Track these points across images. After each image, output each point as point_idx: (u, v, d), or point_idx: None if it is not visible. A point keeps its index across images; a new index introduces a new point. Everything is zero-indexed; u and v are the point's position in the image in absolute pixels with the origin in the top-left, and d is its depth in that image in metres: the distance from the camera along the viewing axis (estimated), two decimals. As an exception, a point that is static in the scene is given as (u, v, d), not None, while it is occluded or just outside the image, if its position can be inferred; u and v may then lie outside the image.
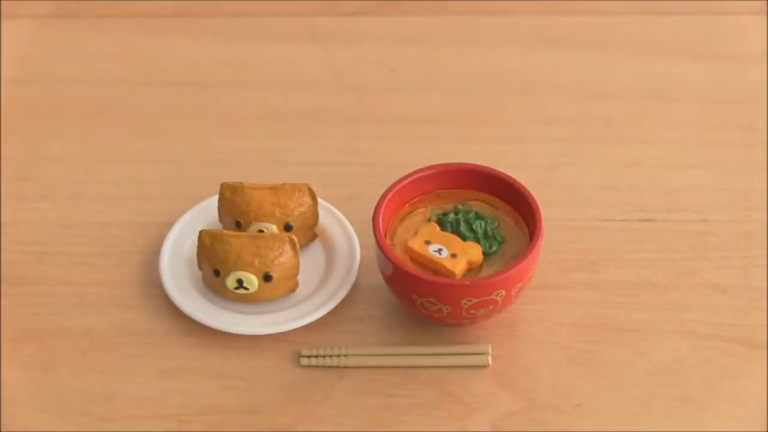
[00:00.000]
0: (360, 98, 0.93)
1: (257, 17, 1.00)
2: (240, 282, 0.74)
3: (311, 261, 0.79)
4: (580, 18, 1.00)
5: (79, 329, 0.76)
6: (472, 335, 0.76)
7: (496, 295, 0.71)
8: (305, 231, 0.79)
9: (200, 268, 0.77)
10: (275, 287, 0.75)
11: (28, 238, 0.82)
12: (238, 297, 0.76)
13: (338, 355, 0.74)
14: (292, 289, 0.77)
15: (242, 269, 0.74)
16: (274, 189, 0.78)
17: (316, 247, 0.80)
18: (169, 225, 0.81)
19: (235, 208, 0.78)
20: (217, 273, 0.75)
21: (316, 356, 0.74)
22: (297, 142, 0.89)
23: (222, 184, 0.79)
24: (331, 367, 0.74)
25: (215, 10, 1.00)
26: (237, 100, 0.93)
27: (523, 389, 0.73)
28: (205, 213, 0.81)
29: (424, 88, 0.94)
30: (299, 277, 0.77)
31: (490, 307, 0.72)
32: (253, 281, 0.74)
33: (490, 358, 0.74)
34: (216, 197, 0.80)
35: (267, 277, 0.74)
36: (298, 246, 0.76)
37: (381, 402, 0.73)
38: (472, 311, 0.72)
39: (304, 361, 0.74)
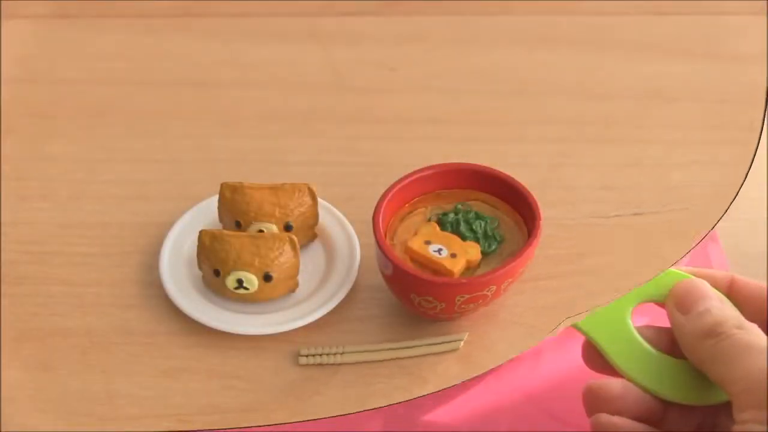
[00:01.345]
0: (360, 98, 0.93)
1: (257, 17, 1.00)
2: (240, 282, 0.74)
3: (311, 261, 0.79)
4: (580, 18, 1.00)
5: (79, 329, 0.76)
6: (455, 326, 0.76)
7: (487, 291, 0.71)
8: (305, 231, 0.79)
9: (200, 268, 0.77)
10: (275, 287, 0.75)
11: (28, 238, 0.82)
12: (238, 297, 0.76)
13: (334, 353, 0.74)
14: (292, 289, 0.77)
15: (242, 269, 0.74)
16: (274, 189, 0.78)
17: (316, 247, 0.80)
18: (169, 225, 0.81)
19: (235, 208, 0.78)
20: (217, 273, 0.75)
21: (314, 355, 0.74)
22: (297, 142, 0.89)
23: (222, 184, 0.79)
24: (327, 365, 0.74)
25: (215, 10, 1.00)
26: (237, 100, 0.93)
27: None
28: (205, 213, 0.81)
29: (424, 88, 0.94)
30: (299, 277, 0.77)
31: (480, 302, 0.72)
32: (253, 281, 0.74)
33: (462, 344, 0.74)
34: (216, 197, 0.80)
35: (267, 277, 0.74)
36: (298, 246, 0.76)
37: (364, 390, 0.73)
38: (463, 306, 0.72)
39: (303, 360, 0.74)
